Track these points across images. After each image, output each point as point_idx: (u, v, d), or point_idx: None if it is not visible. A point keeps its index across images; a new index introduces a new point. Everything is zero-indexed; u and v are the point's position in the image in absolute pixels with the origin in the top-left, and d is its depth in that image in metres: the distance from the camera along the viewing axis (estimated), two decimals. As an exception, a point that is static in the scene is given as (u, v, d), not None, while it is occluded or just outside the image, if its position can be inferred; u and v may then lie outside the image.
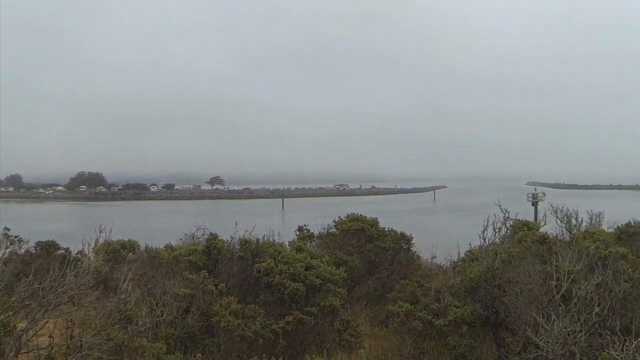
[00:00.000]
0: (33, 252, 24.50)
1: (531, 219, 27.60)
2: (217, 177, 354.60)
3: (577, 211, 24.86)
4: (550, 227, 23.96)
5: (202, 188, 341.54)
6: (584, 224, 24.54)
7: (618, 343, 12.09)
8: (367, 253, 22.25)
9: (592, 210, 25.33)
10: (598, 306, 14.02)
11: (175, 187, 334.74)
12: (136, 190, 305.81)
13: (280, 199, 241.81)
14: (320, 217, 30.33)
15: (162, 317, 15.81)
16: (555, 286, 14.72)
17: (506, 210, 20.29)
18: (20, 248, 24.18)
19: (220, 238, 20.35)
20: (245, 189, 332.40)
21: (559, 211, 24.68)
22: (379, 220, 23.84)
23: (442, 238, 29.45)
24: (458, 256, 23.43)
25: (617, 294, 14.80)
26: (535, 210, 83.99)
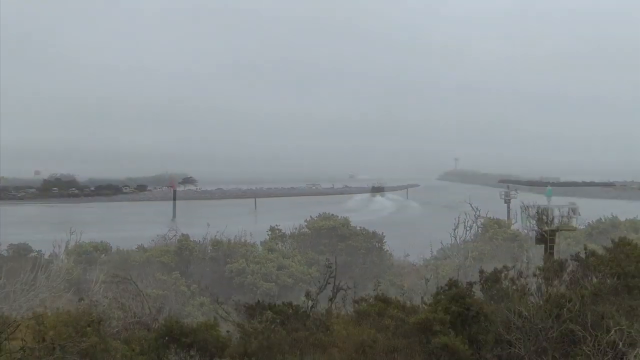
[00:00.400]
0: (5, 254, 24.39)
1: (504, 216, 27.87)
2: (190, 177, 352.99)
3: (548, 208, 25.07)
4: (522, 225, 24.17)
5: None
6: (556, 221, 24.76)
7: (589, 338, 12.19)
8: (340, 252, 22.30)
9: (562, 208, 25.57)
10: (569, 302, 14.13)
11: (148, 189, 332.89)
12: (109, 192, 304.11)
13: (253, 199, 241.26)
14: (293, 217, 30.44)
15: (134, 318, 15.76)
16: (527, 283, 14.84)
17: (477, 209, 20.45)
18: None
19: (192, 239, 20.32)
20: (218, 189, 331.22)
21: (530, 209, 24.88)
22: (350, 220, 23.89)
23: (415, 236, 29.74)
24: (430, 254, 23.61)
25: (588, 290, 14.93)
26: (508, 207, 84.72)
